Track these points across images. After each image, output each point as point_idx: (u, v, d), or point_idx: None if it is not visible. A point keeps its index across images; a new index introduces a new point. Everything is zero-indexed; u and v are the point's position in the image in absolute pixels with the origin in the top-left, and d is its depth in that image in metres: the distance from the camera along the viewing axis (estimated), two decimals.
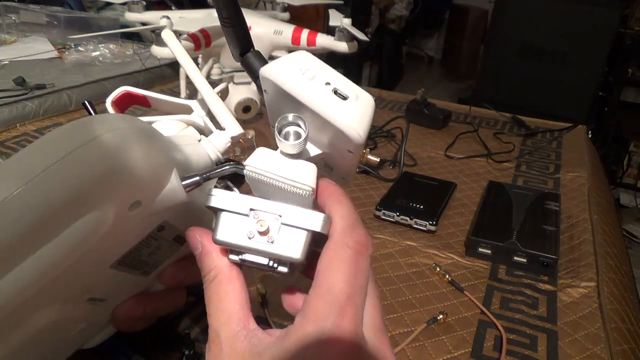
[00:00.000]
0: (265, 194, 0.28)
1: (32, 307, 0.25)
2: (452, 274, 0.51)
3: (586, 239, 0.59)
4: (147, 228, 0.29)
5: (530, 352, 0.42)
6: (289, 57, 0.28)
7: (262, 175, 0.27)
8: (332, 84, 0.27)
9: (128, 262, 0.30)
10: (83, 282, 0.28)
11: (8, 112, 0.82)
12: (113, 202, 0.24)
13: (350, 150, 0.29)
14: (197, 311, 0.44)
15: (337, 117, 0.26)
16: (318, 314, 0.23)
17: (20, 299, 0.22)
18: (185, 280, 0.36)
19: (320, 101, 0.26)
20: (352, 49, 0.77)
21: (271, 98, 0.30)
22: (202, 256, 0.27)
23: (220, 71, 0.78)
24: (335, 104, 0.26)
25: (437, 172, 0.76)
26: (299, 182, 0.27)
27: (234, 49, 0.34)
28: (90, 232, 0.23)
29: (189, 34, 0.68)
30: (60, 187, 0.21)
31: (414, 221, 0.59)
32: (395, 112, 1.01)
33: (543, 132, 0.94)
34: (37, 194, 0.21)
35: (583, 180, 0.75)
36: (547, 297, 0.49)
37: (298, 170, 0.27)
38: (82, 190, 0.22)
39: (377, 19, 3.02)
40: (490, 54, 2.14)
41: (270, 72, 0.27)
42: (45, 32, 1.25)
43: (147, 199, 0.26)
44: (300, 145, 0.26)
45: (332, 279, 0.24)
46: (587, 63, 1.88)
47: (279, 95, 0.28)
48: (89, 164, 0.22)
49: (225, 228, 0.26)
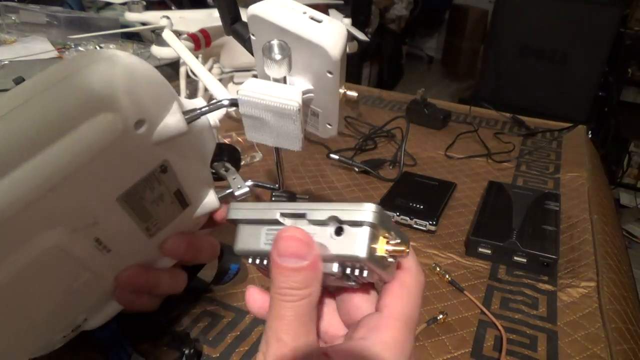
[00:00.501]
0: (258, 126, 0.30)
1: (38, 221, 0.26)
2: (452, 274, 0.51)
3: (586, 239, 0.59)
4: (151, 162, 0.30)
5: (530, 352, 0.42)
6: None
7: (254, 98, 0.31)
8: (308, 13, 0.33)
9: (133, 203, 0.30)
10: (90, 208, 0.28)
11: None
12: (120, 110, 0.26)
13: (330, 71, 0.33)
14: (197, 311, 0.44)
15: (315, 36, 0.31)
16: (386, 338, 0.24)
17: (29, 197, 0.24)
18: (185, 254, 0.36)
19: (301, 26, 0.32)
20: (352, 49, 0.77)
21: (257, 40, 0.35)
22: (308, 269, 0.23)
23: (220, 71, 0.78)
24: (312, 26, 0.32)
25: (437, 172, 0.76)
26: (286, 98, 0.31)
27: (225, 20, 0.39)
28: (100, 134, 0.25)
29: (189, 34, 0.68)
30: (69, 91, 0.25)
31: (414, 221, 0.59)
32: (395, 112, 1.01)
33: (543, 132, 0.94)
34: (48, 97, 0.24)
35: (583, 180, 0.75)
36: (547, 297, 0.49)
37: (285, 90, 0.32)
38: (90, 95, 0.25)
39: (377, 19, 3.02)
40: (490, 54, 2.14)
41: (259, 10, 0.33)
42: (45, 32, 1.25)
43: (152, 118, 0.28)
44: (285, 61, 0.31)
45: (404, 306, 0.26)
46: (587, 63, 1.88)
47: (265, 32, 0.34)
48: (99, 74, 0.25)
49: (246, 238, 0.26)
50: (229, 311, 0.45)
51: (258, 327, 0.43)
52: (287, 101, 0.31)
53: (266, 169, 0.72)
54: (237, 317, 0.44)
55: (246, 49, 0.41)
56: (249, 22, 0.35)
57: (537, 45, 1.96)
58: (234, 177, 0.40)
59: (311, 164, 0.75)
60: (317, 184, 0.69)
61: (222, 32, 0.73)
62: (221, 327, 0.43)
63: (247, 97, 0.31)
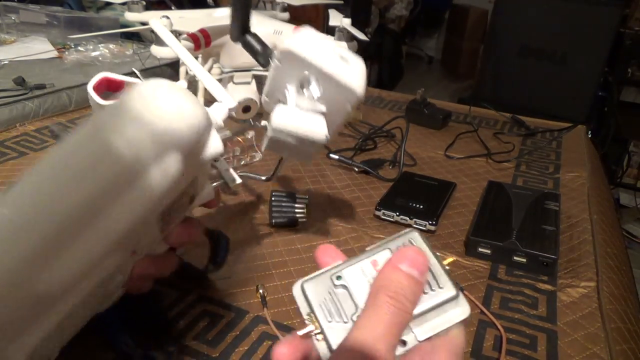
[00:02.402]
0: (280, 145, 0.33)
1: (117, 252, 0.28)
2: (452, 274, 0.51)
3: (586, 239, 0.59)
4: (189, 179, 0.31)
5: (530, 352, 0.42)
6: (305, 34, 0.35)
7: (287, 129, 0.33)
8: (337, 51, 0.34)
9: (165, 215, 0.31)
10: (141, 230, 0.30)
11: (8, 112, 0.82)
12: (183, 147, 0.27)
13: (351, 103, 0.35)
14: (197, 311, 0.44)
15: (346, 78, 0.33)
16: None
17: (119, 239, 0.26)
18: (188, 239, 0.37)
19: (333, 67, 0.34)
20: (352, 49, 0.77)
21: (282, 68, 0.36)
22: (421, 286, 0.25)
23: (220, 71, 0.78)
24: (343, 68, 0.34)
25: (436, 172, 0.76)
26: (316, 130, 0.34)
27: (236, 28, 0.40)
28: (171, 174, 0.27)
29: (189, 34, 0.68)
30: (140, 136, 0.25)
31: (414, 221, 0.59)
32: (395, 112, 1.01)
33: (543, 132, 0.94)
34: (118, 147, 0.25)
35: (583, 180, 0.75)
36: (547, 297, 0.49)
37: (313, 121, 0.34)
38: (158, 137, 0.26)
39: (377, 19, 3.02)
40: (490, 54, 2.14)
41: (295, 47, 0.34)
42: (45, 32, 1.25)
43: (201, 149, 0.30)
44: (322, 100, 0.33)
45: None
46: (587, 63, 1.88)
47: (295, 65, 0.35)
48: (155, 120, 0.26)
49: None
50: (228, 311, 0.45)
51: (258, 327, 0.43)
52: (317, 133, 0.35)
53: (266, 168, 0.72)
54: (236, 317, 0.44)
55: (256, 60, 0.42)
56: (281, 54, 0.35)
57: (536, 45, 1.96)
58: (225, 168, 0.41)
59: (311, 164, 0.75)
60: (317, 184, 0.69)
61: (222, 32, 0.73)
62: (221, 327, 0.43)
63: (281, 128, 0.34)
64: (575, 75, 1.90)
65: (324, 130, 0.35)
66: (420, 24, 3.96)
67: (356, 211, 0.63)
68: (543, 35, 1.94)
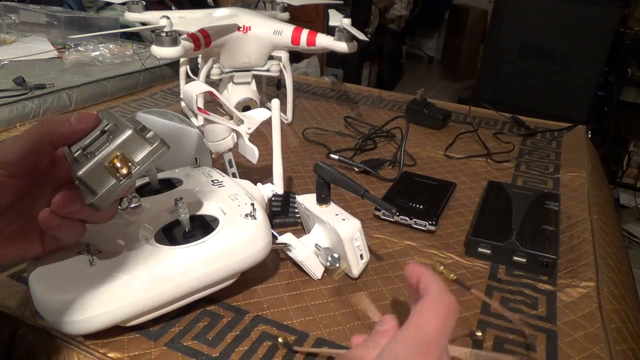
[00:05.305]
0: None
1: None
2: (452, 274, 0.51)
3: (586, 238, 0.59)
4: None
5: (530, 351, 0.42)
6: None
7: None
8: (339, 214, 0.49)
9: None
10: None
11: (8, 112, 0.82)
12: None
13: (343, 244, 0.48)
14: (197, 311, 0.44)
15: (340, 230, 0.47)
16: (407, 343, 0.28)
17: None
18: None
19: (333, 222, 0.48)
20: (351, 49, 0.77)
21: (301, 213, 0.55)
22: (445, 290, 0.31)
23: (220, 71, 0.78)
24: (340, 223, 0.48)
25: (436, 172, 0.76)
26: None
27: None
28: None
29: (189, 34, 0.68)
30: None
31: (414, 221, 0.59)
32: (395, 112, 1.02)
33: (543, 132, 0.94)
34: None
35: (583, 180, 0.75)
36: (547, 297, 0.49)
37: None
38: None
39: (377, 19, 3.02)
40: (490, 54, 2.14)
41: (302, 201, 0.52)
42: (45, 32, 1.25)
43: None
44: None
45: (426, 320, 0.29)
46: (587, 63, 1.88)
47: (307, 215, 0.52)
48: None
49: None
50: (228, 311, 0.45)
51: (258, 327, 0.43)
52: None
53: (265, 171, 0.72)
54: (236, 317, 0.44)
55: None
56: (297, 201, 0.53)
57: (536, 45, 1.96)
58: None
59: (311, 164, 0.75)
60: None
61: (222, 32, 0.73)
62: (221, 327, 0.43)
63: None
64: (575, 75, 1.90)
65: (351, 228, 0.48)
66: (420, 24, 3.96)
67: (356, 211, 0.63)
68: (543, 35, 1.94)
